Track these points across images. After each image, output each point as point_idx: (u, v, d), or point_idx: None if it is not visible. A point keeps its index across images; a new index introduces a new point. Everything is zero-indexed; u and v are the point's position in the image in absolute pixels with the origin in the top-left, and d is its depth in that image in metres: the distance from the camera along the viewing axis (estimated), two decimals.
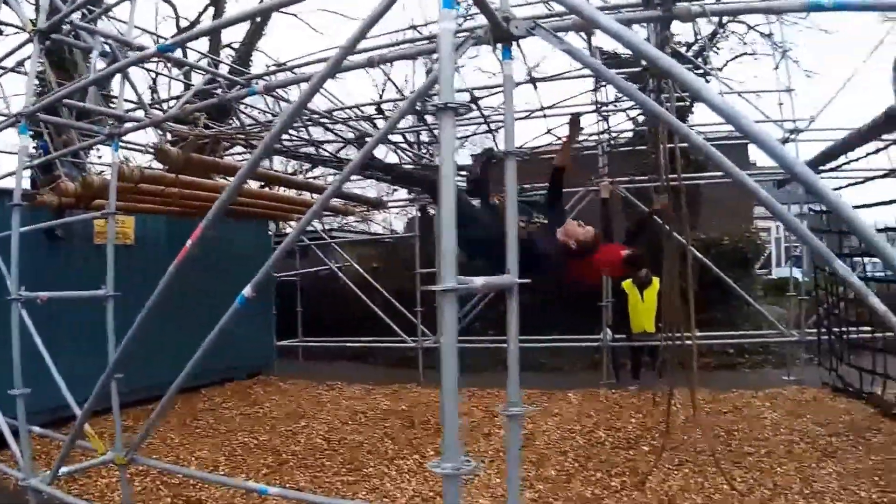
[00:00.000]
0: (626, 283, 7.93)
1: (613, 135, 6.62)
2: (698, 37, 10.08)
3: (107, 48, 4.81)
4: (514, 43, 2.68)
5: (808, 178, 2.00)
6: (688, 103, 8.99)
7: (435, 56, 2.80)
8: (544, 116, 5.21)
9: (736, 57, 15.56)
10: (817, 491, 4.48)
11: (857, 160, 6.99)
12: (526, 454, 5.37)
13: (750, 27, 14.38)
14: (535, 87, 4.22)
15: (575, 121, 4.03)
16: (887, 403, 6.51)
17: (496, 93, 6.11)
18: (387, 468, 5.19)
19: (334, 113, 6.73)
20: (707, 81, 7.90)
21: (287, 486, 4.74)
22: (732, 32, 15.15)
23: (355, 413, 7.19)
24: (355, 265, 10.98)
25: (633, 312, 8.02)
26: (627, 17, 3.18)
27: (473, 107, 6.31)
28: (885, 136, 6.23)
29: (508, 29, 2.47)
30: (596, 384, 8.16)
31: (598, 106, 6.30)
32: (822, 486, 4.55)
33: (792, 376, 8.24)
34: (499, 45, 2.63)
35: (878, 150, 6.46)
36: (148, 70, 8.63)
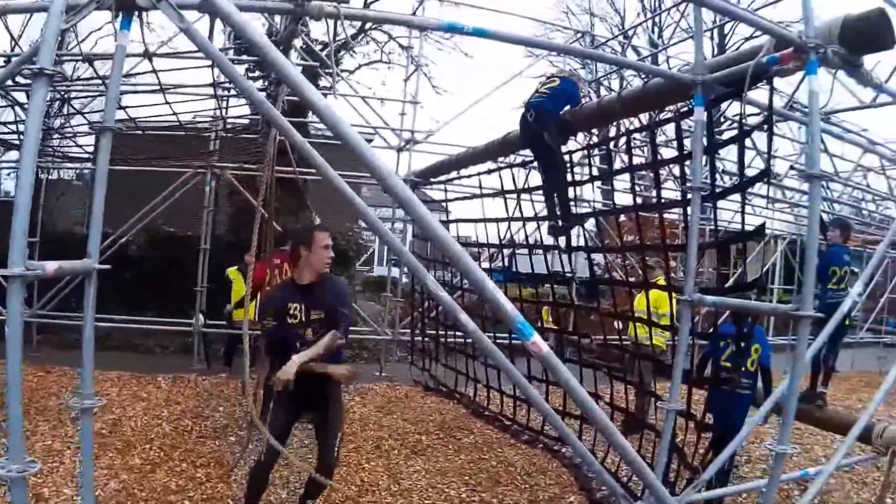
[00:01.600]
0: (232, 271, 7.57)
1: (229, 120, 6.12)
2: (338, 37, 10.22)
3: None
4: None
5: (392, 185, 2.16)
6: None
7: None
8: (161, 91, 4.54)
9: (371, 63, 16.68)
10: (405, 488, 4.55)
11: (469, 177, 7.51)
12: (112, 441, 5.08)
13: (391, 37, 15.62)
14: (152, 63, 3.62)
15: None
16: (477, 404, 6.90)
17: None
18: None
19: None
20: (336, 81, 8.05)
21: None
22: (373, 39, 16.18)
23: None
24: None
25: (236, 300, 7.69)
26: (262, 5, 2.99)
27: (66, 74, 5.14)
28: (500, 159, 6.74)
29: None
30: (187, 369, 7.79)
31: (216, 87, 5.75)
32: (410, 484, 4.63)
33: (384, 373, 8.39)
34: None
35: (490, 171, 6.87)
36: None
